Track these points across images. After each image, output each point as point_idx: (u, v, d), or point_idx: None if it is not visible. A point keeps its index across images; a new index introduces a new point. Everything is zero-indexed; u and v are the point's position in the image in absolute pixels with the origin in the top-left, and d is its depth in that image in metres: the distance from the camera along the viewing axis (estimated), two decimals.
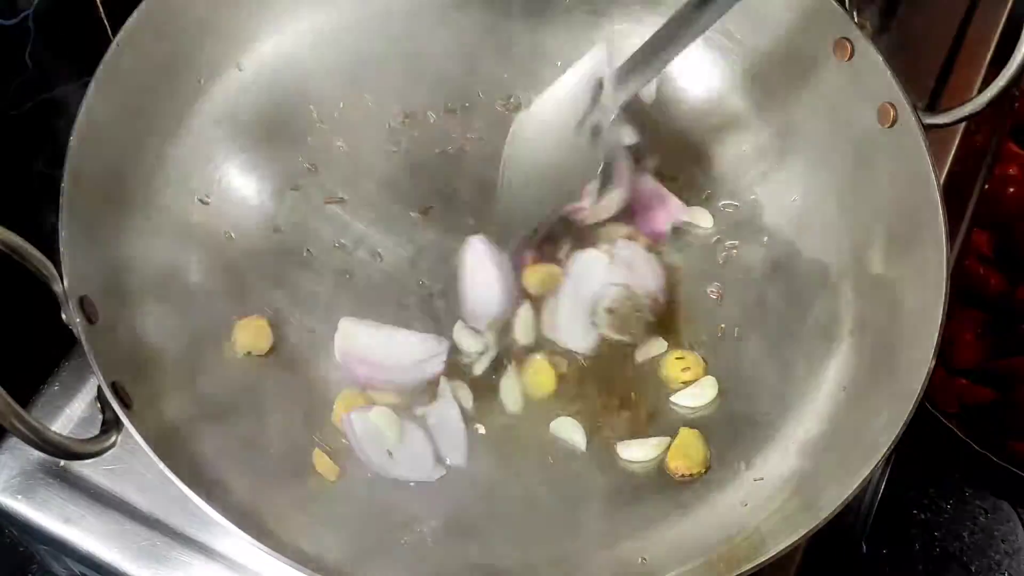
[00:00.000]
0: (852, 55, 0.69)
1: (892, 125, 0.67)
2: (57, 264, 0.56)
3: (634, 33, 0.74)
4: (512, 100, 0.79)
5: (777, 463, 0.65)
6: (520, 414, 0.69)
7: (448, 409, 0.67)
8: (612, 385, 0.70)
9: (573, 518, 0.64)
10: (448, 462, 0.66)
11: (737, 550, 0.58)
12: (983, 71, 0.94)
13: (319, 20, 0.77)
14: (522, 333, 0.71)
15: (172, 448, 0.57)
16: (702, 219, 0.76)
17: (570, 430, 0.67)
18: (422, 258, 0.74)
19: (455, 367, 0.69)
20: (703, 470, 0.65)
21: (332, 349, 0.69)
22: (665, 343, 0.71)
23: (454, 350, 0.70)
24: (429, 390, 0.68)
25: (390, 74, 0.79)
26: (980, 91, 0.67)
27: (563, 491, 0.66)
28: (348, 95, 0.78)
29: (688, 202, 0.76)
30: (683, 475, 0.65)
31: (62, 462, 0.68)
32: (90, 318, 0.57)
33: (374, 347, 0.68)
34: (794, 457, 0.65)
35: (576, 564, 0.62)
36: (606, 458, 0.67)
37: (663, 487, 0.66)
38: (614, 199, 0.74)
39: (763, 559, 0.54)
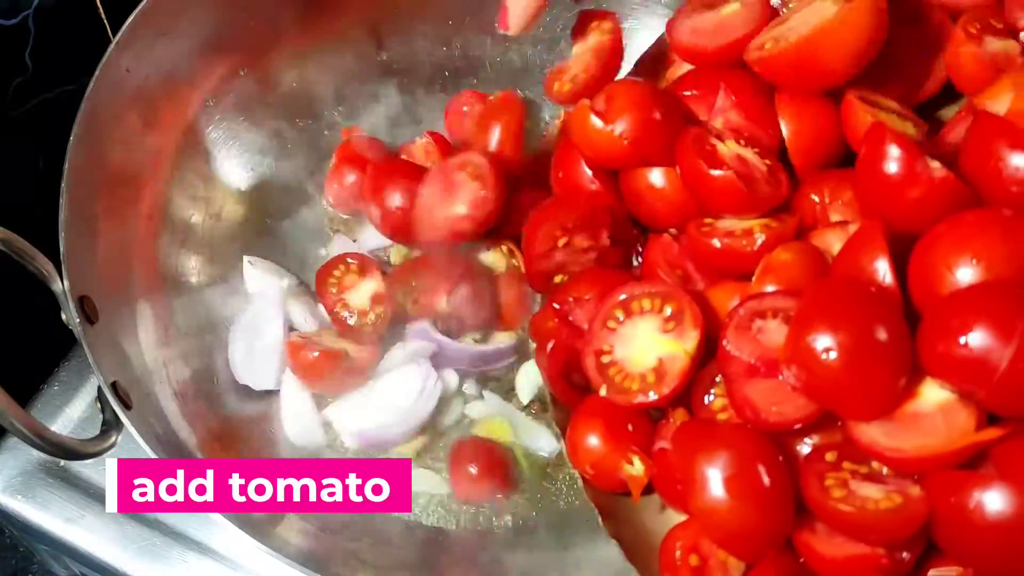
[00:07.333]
0: None
1: None
2: (57, 264, 0.56)
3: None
4: None
5: None
6: None
7: None
8: None
9: None
10: None
11: None
12: None
13: None
14: None
15: (172, 448, 0.57)
16: None
17: None
18: None
19: None
20: None
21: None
22: None
23: None
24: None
25: None
26: None
27: None
28: None
29: None
30: None
31: (62, 462, 0.68)
32: (90, 318, 0.56)
33: (368, 410, 0.66)
34: None
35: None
36: None
37: None
38: None
39: None
